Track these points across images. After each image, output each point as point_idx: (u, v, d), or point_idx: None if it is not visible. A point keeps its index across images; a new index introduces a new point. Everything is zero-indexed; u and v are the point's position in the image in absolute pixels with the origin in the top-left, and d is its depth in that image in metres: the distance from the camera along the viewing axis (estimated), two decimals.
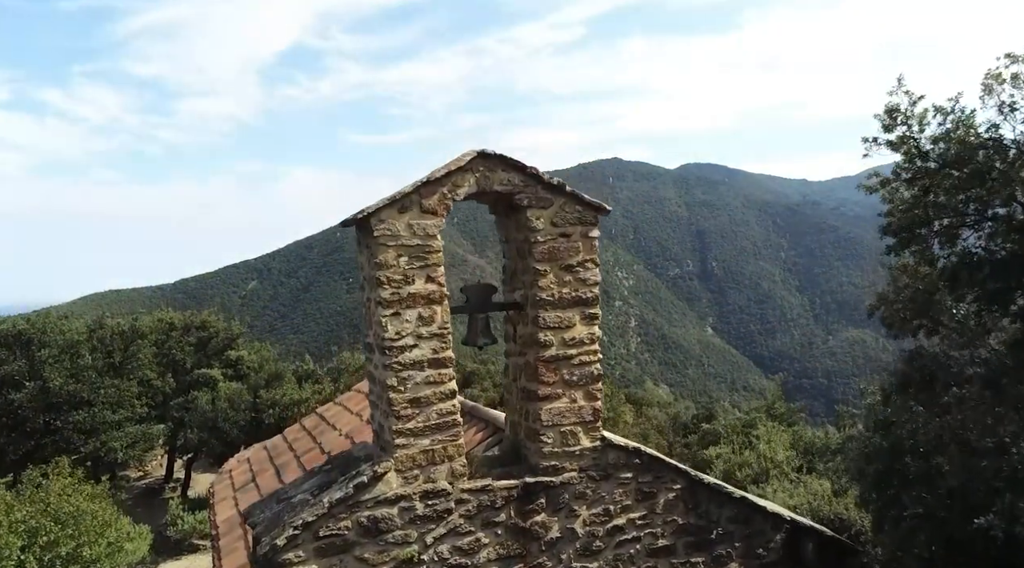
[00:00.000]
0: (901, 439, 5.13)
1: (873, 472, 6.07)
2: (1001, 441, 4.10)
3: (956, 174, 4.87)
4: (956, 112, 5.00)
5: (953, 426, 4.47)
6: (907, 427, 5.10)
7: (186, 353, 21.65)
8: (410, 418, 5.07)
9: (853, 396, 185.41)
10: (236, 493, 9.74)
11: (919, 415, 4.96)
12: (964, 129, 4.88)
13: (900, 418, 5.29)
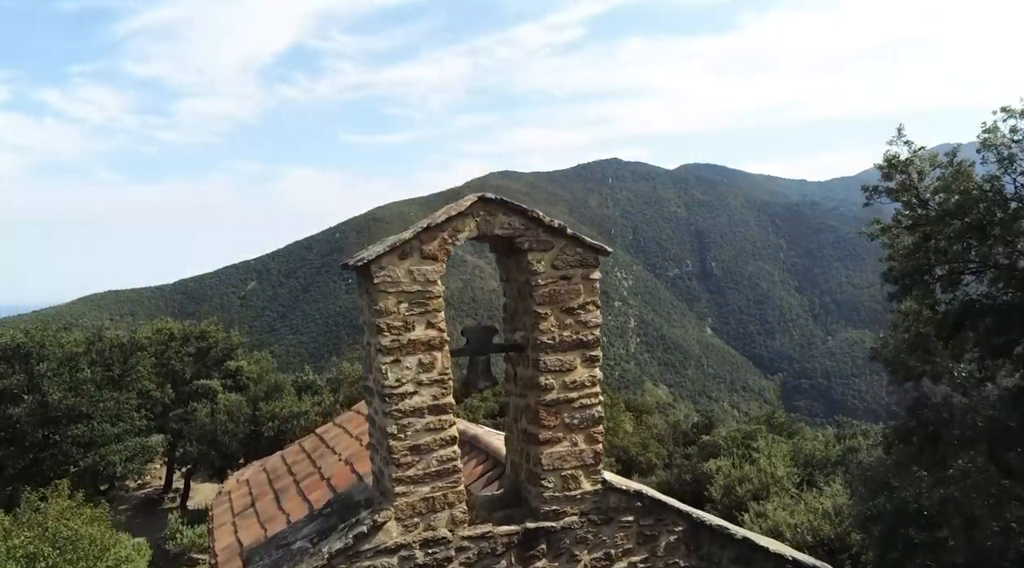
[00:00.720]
0: (905, 502, 5.11)
1: (878, 533, 6.02)
2: (1007, 525, 4.08)
3: (957, 224, 4.85)
4: (954, 165, 4.99)
5: (958, 497, 4.45)
6: (910, 491, 5.07)
7: (185, 363, 21.61)
8: (410, 466, 5.04)
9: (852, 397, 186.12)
10: (235, 518, 9.70)
11: (922, 480, 4.93)
12: (963, 180, 4.86)
13: (903, 482, 5.26)
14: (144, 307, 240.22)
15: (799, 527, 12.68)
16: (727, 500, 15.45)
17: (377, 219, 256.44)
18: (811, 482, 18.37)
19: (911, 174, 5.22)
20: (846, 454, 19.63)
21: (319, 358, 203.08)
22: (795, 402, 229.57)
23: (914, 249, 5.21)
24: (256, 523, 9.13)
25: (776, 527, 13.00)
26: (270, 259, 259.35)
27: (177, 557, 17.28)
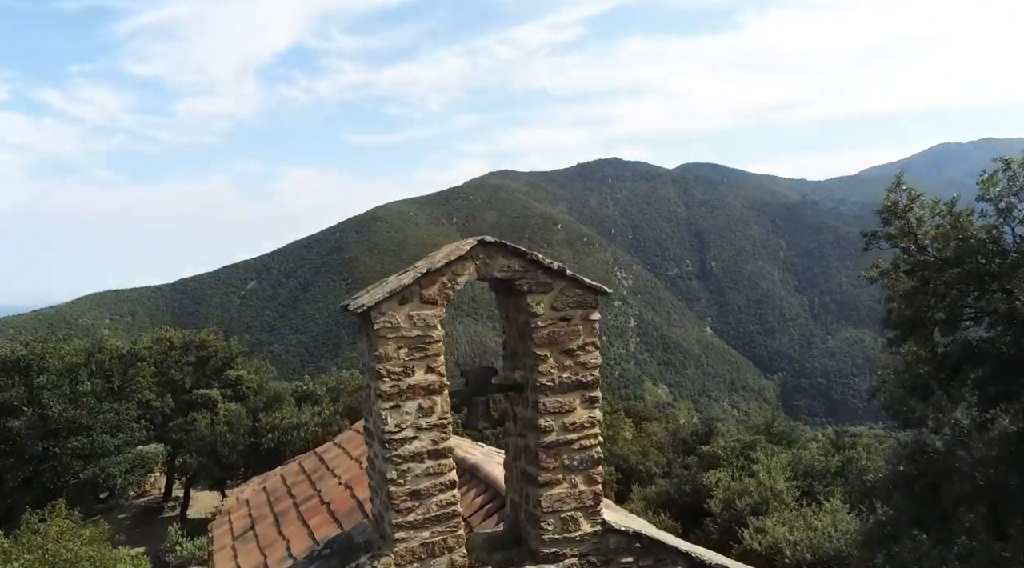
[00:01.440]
0: (907, 563, 5.11)
1: None
2: None
3: (956, 271, 4.86)
4: (953, 214, 4.99)
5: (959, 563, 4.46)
6: (911, 554, 5.07)
7: (185, 373, 21.61)
8: (410, 511, 5.04)
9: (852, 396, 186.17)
10: (235, 542, 9.70)
11: (922, 544, 4.93)
12: (962, 229, 4.87)
13: (903, 544, 5.26)
14: (144, 307, 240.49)
15: (798, 544, 12.69)
16: (726, 514, 15.46)
17: (377, 218, 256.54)
18: (810, 494, 18.39)
19: (910, 220, 5.22)
20: (845, 465, 19.66)
21: (319, 358, 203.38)
22: (795, 402, 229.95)
23: (913, 293, 5.21)
24: (256, 548, 9.14)
25: (775, 543, 13.03)
26: (270, 259, 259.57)
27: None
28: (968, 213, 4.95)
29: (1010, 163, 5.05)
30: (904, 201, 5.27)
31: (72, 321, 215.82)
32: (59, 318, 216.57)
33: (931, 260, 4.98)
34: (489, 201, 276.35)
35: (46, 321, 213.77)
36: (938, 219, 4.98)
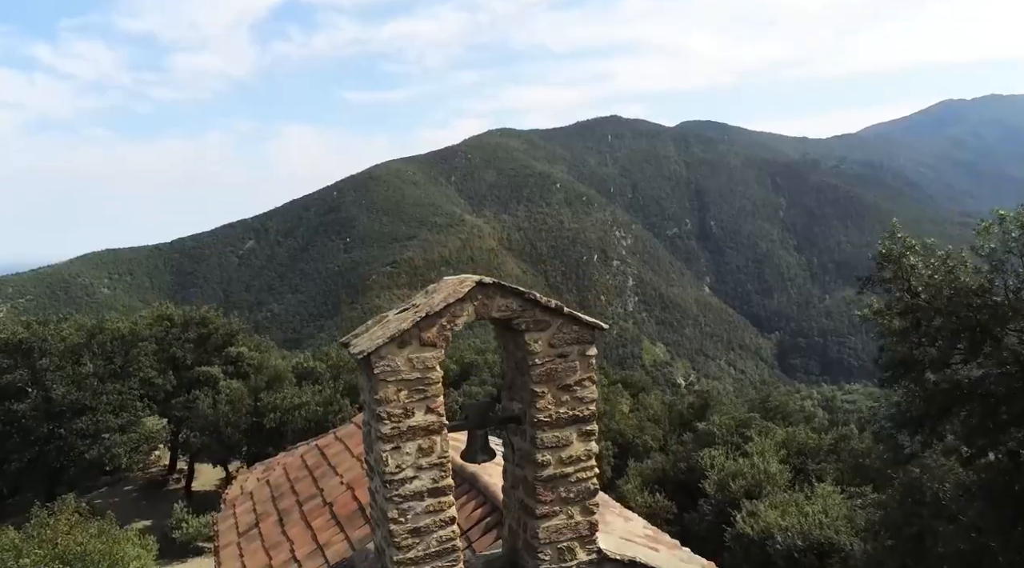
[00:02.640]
0: None
1: None
2: None
3: (948, 321, 4.92)
4: (947, 265, 5.03)
5: None
6: None
7: (186, 350, 21.77)
8: (411, 548, 5.18)
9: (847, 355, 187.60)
10: (240, 540, 9.94)
11: None
12: (955, 281, 4.92)
13: None
14: (142, 266, 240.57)
15: (790, 530, 13.00)
16: (720, 495, 15.79)
17: (375, 178, 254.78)
18: (803, 471, 18.75)
19: (904, 266, 5.28)
20: (838, 442, 19.99)
21: (318, 317, 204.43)
22: (791, 360, 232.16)
23: (905, 333, 5.29)
24: (261, 549, 9.37)
25: (767, 528, 13.35)
26: (267, 218, 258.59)
27: (184, 545, 17.71)
28: (962, 262, 4.98)
29: (1004, 218, 5.08)
30: (899, 249, 5.32)
31: (71, 280, 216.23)
32: (57, 278, 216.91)
33: (923, 304, 5.05)
34: (488, 160, 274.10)
35: (44, 281, 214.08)
36: (931, 271, 5.03)
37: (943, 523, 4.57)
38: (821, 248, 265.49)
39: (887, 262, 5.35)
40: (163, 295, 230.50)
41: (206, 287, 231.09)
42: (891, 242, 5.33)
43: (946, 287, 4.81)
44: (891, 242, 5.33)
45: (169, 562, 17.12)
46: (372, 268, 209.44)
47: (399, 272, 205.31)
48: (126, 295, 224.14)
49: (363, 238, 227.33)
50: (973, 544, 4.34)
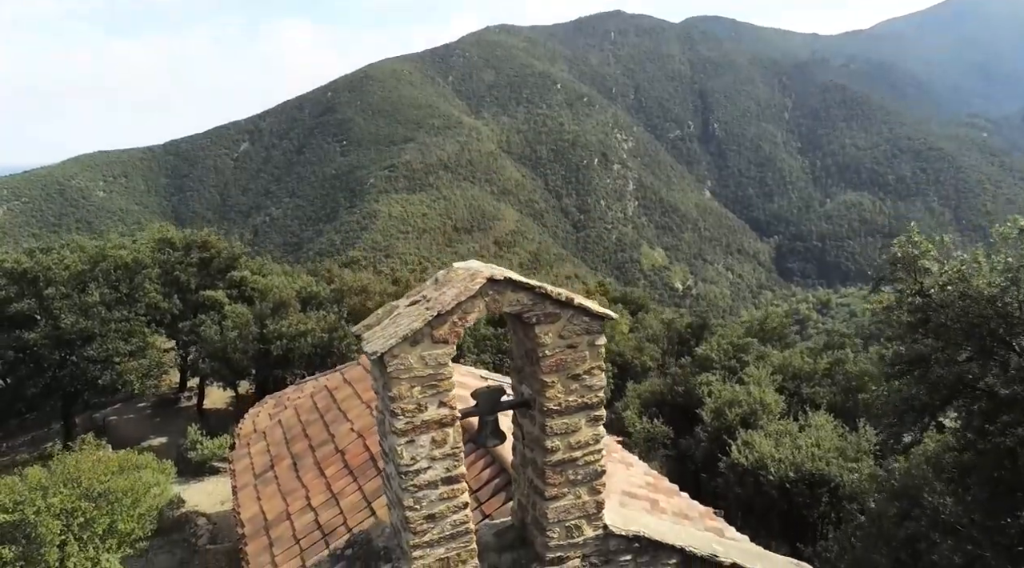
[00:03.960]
0: None
1: None
2: None
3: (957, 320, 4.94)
4: (962, 269, 4.97)
5: None
6: None
7: (189, 274, 21.87)
8: (426, 532, 5.42)
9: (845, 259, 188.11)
10: (257, 482, 10.36)
11: None
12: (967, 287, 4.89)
13: None
14: (137, 169, 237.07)
15: (783, 461, 13.54)
16: (717, 423, 16.33)
17: (370, 78, 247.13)
18: (797, 395, 19.29)
19: (917, 268, 5.22)
20: (833, 366, 20.46)
21: (317, 221, 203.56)
22: (788, 264, 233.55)
23: (912, 327, 5.32)
24: (277, 493, 9.79)
25: (761, 459, 13.89)
26: (261, 119, 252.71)
27: (199, 465, 18.43)
28: (977, 268, 4.92)
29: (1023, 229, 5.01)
30: (913, 252, 5.27)
31: (65, 183, 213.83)
32: (51, 180, 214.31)
33: (934, 303, 5.05)
34: (486, 59, 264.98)
35: (38, 183, 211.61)
36: (945, 277, 4.98)
37: (940, 535, 4.79)
38: (825, 150, 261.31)
39: (901, 264, 5.33)
40: (159, 198, 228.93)
41: (202, 190, 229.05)
42: (908, 246, 5.30)
43: (958, 294, 4.82)
44: (908, 246, 5.30)
45: (187, 480, 17.82)
46: (370, 172, 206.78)
47: (397, 176, 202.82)
48: (122, 199, 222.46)
49: (359, 141, 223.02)
50: (968, 555, 4.57)
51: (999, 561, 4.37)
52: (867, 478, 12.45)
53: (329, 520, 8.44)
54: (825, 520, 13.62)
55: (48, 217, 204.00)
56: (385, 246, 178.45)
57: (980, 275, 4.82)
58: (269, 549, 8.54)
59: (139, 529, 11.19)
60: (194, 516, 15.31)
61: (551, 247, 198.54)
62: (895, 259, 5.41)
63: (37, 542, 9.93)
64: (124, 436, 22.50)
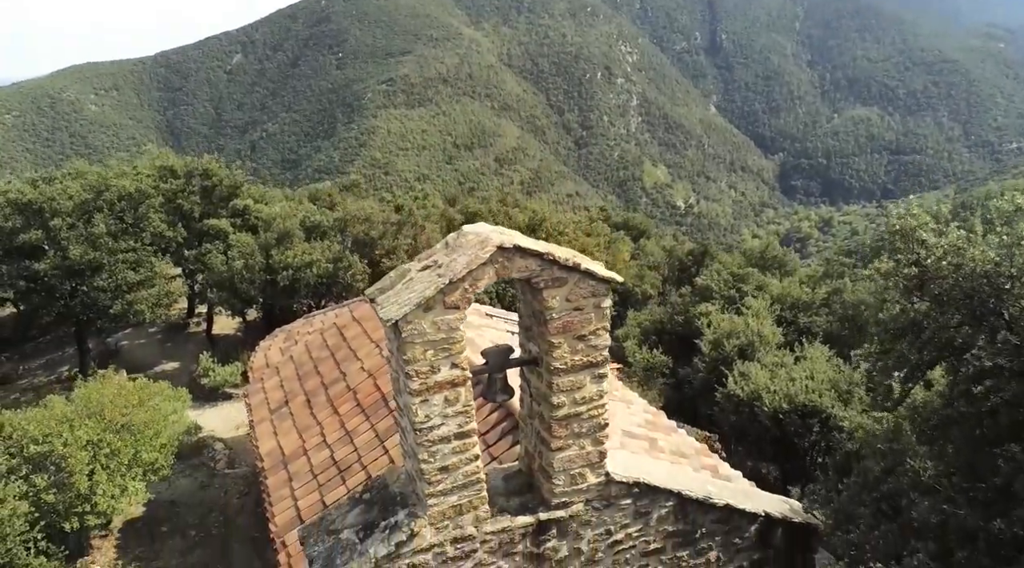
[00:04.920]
0: None
1: None
2: None
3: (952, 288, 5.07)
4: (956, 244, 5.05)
5: None
6: None
7: (192, 202, 21.87)
8: (440, 482, 5.80)
9: (849, 176, 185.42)
10: (272, 417, 10.81)
11: None
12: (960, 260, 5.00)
13: None
14: (128, 81, 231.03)
15: (777, 393, 14.01)
16: (715, 354, 16.76)
17: None
18: (794, 324, 19.67)
19: (915, 239, 5.30)
20: (831, 295, 20.75)
21: (314, 137, 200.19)
22: (792, 182, 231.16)
23: (908, 291, 5.45)
24: (293, 429, 10.24)
25: (756, 390, 14.36)
26: (253, 30, 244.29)
27: (212, 391, 19.03)
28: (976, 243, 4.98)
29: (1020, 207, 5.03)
30: (912, 223, 5.32)
31: (56, 96, 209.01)
32: (41, 93, 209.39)
33: (930, 270, 5.16)
34: None
35: (28, 96, 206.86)
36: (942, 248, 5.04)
37: (919, 496, 5.09)
38: (836, 63, 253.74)
39: (899, 235, 5.43)
40: (153, 113, 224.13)
41: (196, 105, 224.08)
42: (907, 218, 5.38)
43: (953, 267, 4.93)
44: (907, 218, 5.38)
45: (201, 406, 18.43)
46: (367, 86, 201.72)
47: (395, 90, 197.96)
48: (115, 113, 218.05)
49: (355, 53, 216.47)
50: (943, 515, 4.87)
51: (972, 519, 4.71)
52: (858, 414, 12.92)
53: (344, 457, 8.89)
54: (815, 448, 14.24)
55: (41, 132, 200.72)
56: (384, 164, 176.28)
57: (976, 246, 4.94)
58: (288, 483, 9.04)
59: (161, 459, 11.75)
60: (211, 441, 15.99)
61: (552, 164, 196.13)
62: (893, 231, 5.53)
63: (67, 471, 10.48)
64: (136, 360, 23.12)
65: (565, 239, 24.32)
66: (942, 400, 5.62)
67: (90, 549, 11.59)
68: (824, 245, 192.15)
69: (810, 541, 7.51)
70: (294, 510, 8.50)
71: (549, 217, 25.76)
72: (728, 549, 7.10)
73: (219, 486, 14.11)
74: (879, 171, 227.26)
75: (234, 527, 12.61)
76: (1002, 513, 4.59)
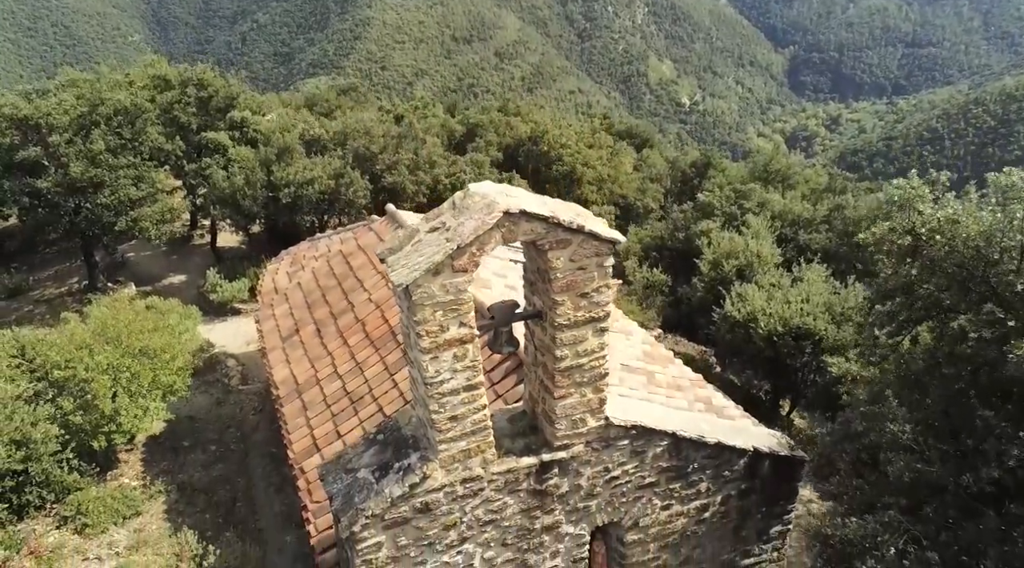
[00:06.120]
0: None
1: None
2: None
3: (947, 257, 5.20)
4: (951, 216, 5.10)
5: None
6: None
7: (188, 114, 21.50)
8: (449, 430, 6.19)
9: (861, 71, 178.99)
10: (284, 344, 11.20)
11: None
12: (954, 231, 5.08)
13: None
14: None
15: (772, 316, 14.38)
16: (713, 274, 17.03)
17: None
18: (793, 241, 19.86)
19: (911, 208, 5.33)
20: (832, 212, 20.83)
21: (307, 29, 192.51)
22: (801, 78, 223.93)
23: (902, 256, 5.55)
24: (305, 358, 10.66)
25: (752, 313, 14.73)
26: None
27: (221, 307, 19.45)
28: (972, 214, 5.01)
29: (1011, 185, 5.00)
30: (911, 193, 5.34)
31: None
32: None
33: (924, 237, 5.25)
34: None
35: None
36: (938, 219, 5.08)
37: (895, 454, 5.42)
38: None
39: (897, 205, 5.49)
40: (137, 1, 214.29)
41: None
42: (905, 188, 5.41)
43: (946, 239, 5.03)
44: (905, 188, 5.41)
45: (211, 320, 18.87)
46: None
47: None
48: (98, 1, 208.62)
49: None
50: (917, 472, 5.22)
51: (944, 475, 5.08)
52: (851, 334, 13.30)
53: (356, 388, 9.32)
54: (807, 368, 14.77)
55: (22, 20, 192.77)
56: (381, 57, 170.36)
57: (971, 216, 5.05)
58: (304, 412, 9.52)
59: (179, 382, 12.25)
60: (224, 358, 16.54)
61: (554, 59, 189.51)
62: (892, 201, 5.61)
63: (91, 394, 10.98)
64: (143, 273, 23.44)
65: (568, 151, 24.08)
66: (926, 355, 5.90)
67: (118, 463, 12.29)
68: (830, 144, 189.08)
69: (795, 472, 8.04)
70: (310, 438, 9.01)
71: (551, 129, 25.33)
72: (717, 480, 7.62)
73: (234, 402, 14.73)
74: (892, 65, 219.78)
75: (251, 443, 13.30)
76: (972, 468, 4.97)
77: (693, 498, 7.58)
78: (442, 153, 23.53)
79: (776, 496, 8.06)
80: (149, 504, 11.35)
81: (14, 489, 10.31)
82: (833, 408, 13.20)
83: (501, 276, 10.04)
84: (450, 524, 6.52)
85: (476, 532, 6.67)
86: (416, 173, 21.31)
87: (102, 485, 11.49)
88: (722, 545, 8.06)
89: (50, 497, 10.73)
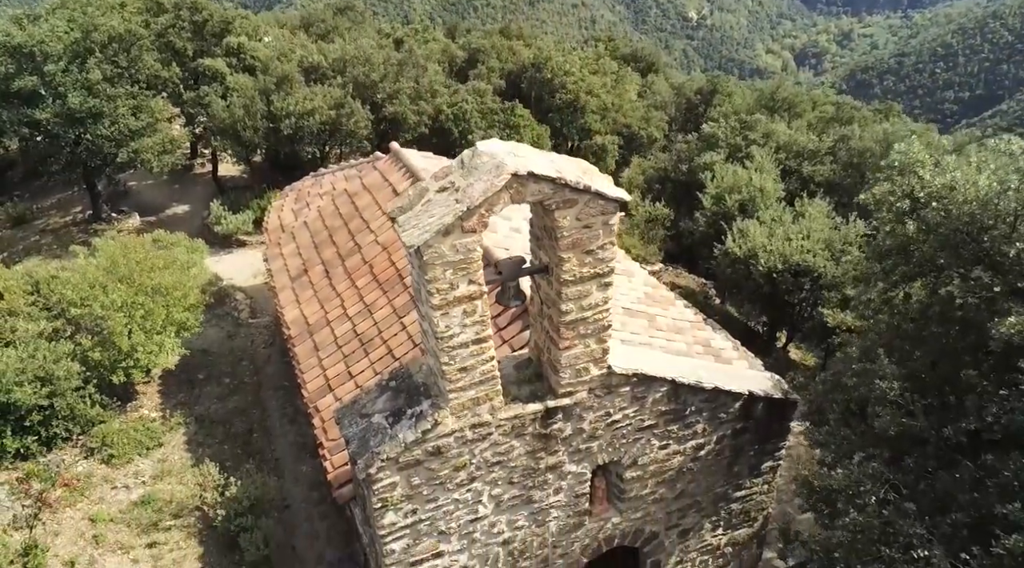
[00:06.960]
0: None
1: None
2: None
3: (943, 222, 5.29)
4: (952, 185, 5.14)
5: None
6: None
7: (183, 39, 21.01)
8: (459, 380, 6.50)
9: None
10: (294, 284, 11.45)
11: None
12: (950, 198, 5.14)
13: None
14: None
15: (772, 253, 14.56)
16: (716, 208, 17.08)
17: None
18: (797, 173, 19.81)
19: (910, 175, 5.35)
20: (837, 143, 20.67)
21: None
22: None
23: (900, 216, 5.64)
24: (315, 299, 10.93)
25: (753, 249, 14.91)
26: None
27: (226, 239, 19.61)
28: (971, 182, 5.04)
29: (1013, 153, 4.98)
30: (911, 158, 5.35)
31: None
32: None
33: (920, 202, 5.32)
34: None
35: None
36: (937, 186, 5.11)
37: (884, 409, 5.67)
38: None
39: (897, 169, 5.52)
40: None
41: None
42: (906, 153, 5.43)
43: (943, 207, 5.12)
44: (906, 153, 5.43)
45: (217, 252, 19.05)
46: None
47: None
48: None
49: None
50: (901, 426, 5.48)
51: (926, 430, 5.38)
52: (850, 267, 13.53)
53: (365, 331, 9.62)
54: (804, 303, 15.08)
55: None
56: None
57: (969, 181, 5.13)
58: (316, 353, 9.86)
59: (192, 319, 12.57)
60: (232, 291, 16.84)
61: None
62: (892, 165, 5.66)
63: (107, 331, 11.32)
64: (146, 203, 23.49)
65: (571, 79, 23.59)
66: (918, 311, 6.12)
67: (136, 396, 12.77)
68: (840, 62, 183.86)
69: (787, 413, 8.43)
70: (323, 378, 9.37)
71: (554, 55, 24.66)
72: (713, 422, 8.01)
73: (244, 336, 15.12)
74: None
75: (264, 375, 13.76)
76: (953, 421, 5.27)
77: (690, 438, 7.98)
78: (443, 81, 23.11)
79: (768, 434, 8.48)
80: (170, 435, 11.88)
81: (42, 422, 10.80)
82: (827, 342, 13.54)
83: (506, 219, 10.17)
84: (460, 465, 6.93)
85: (484, 472, 7.08)
86: (417, 103, 21.01)
87: (123, 418, 12.00)
88: (716, 479, 8.54)
89: (76, 430, 11.24)
